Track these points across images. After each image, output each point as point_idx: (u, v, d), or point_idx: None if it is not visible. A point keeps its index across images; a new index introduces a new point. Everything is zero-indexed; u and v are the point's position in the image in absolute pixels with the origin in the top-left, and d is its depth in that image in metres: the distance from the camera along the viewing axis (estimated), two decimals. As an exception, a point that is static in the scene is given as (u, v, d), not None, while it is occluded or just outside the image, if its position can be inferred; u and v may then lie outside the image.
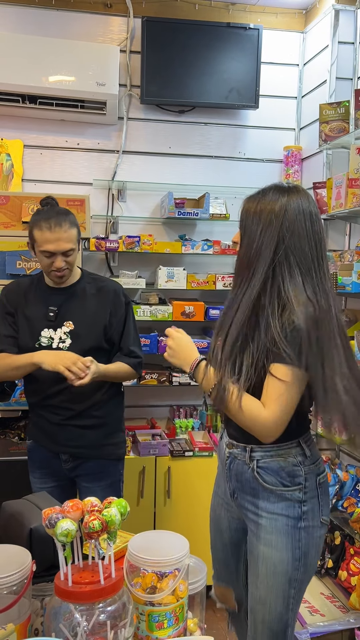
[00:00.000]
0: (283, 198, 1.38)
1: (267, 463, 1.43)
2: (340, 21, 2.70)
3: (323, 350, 1.30)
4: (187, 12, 2.94)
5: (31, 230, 1.87)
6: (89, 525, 0.87)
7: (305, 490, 1.43)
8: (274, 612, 1.43)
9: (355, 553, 2.40)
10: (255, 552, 1.46)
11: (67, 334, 1.93)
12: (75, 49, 2.70)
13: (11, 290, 2.00)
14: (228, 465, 1.52)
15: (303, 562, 1.42)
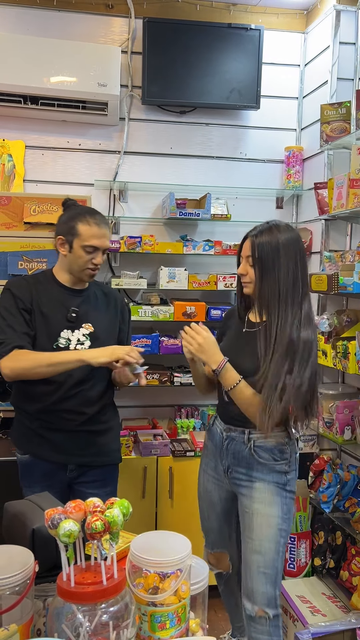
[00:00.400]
0: (293, 232, 1.75)
1: (263, 443, 1.79)
2: (342, 22, 2.70)
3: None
4: (188, 13, 2.94)
5: (73, 225, 1.84)
6: (91, 525, 0.87)
7: (289, 463, 1.81)
8: (268, 558, 1.74)
9: (357, 553, 2.40)
10: (249, 510, 1.78)
11: (86, 335, 1.90)
12: (76, 49, 2.71)
13: (21, 286, 1.89)
14: (225, 446, 1.85)
15: (288, 517, 1.79)
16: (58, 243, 1.89)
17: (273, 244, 1.70)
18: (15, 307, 1.84)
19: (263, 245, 1.71)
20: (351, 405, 2.42)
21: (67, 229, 1.86)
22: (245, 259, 1.77)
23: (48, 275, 1.96)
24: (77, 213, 1.88)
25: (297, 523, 2.68)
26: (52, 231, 2.57)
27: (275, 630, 1.77)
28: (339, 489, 2.48)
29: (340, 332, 2.51)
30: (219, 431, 1.90)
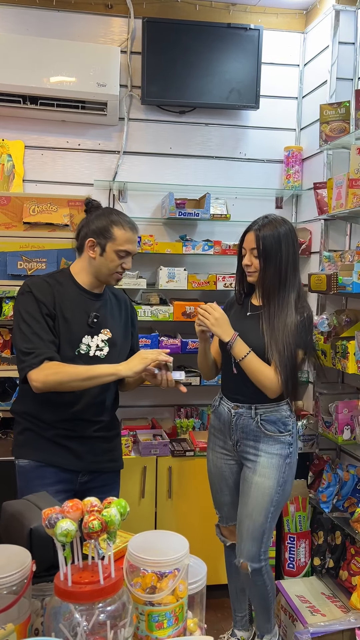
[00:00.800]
0: (288, 224, 2.00)
1: (268, 416, 2.02)
2: (341, 22, 2.70)
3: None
4: (187, 13, 2.94)
5: (107, 228, 1.79)
6: (88, 525, 0.87)
7: (292, 434, 2.04)
8: (257, 524, 2.02)
9: (356, 553, 2.40)
10: (249, 481, 2.03)
11: (105, 341, 1.86)
12: (76, 49, 2.71)
13: (43, 289, 1.78)
14: (234, 422, 2.06)
15: (282, 487, 2.03)
16: (88, 245, 1.81)
17: (275, 236, 1.94)
18: (39, 312, 1.74)
19: (266, 238, 1.93)
20: (350, 405, 2.41)
21: (100, 232, 1.80)
22: (250, 251, 1.99)
23: (67, 276, 1.86)
24: (114, 218, 1.82)
25: (297, 523, 2.68)
26: (52, 231, 2.58)
27: (259, 578, 2.07)
28: (338, 489, 2.48)
29: (339, 332, 2.51)
30: (226, 409, 2.10)
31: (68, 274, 1.87)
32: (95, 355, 1.83)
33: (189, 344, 2.74)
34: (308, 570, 2.69)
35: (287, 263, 1.95)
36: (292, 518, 2.68)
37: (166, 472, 2.67)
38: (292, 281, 1.98)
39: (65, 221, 2.58)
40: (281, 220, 1.99)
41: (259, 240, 1.94)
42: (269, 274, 1.95)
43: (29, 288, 1.78)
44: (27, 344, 1.71)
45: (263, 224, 1.97)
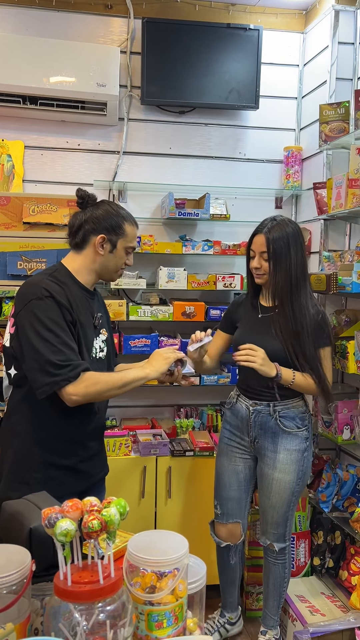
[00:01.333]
0: (295, 224, 2.05)
1: (286, 413, 2.11)
2: (340, 22, 2.70)
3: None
4: (187, 13, 2.94)
5: (121, 225, 1.73)
6: (88, 525, 0.87)
7: (308, 429, 2.15)
8: (281, 512, 2.16)
9: (356, 553, 2.40)
10: (269, 477, 2.14)
11: (104, 342, 1.81)
12: (75, 50, 2.71)
13: (61, 293, 1.63)
14: (253, 419, 2.14)
15: (302, 480, 2.15)
16: (97, 242, 1.70)
17: (284, 238, 1.99)
18: (64, 319, 1.60)
19: (276, 241, 1.98)
20: (350, 405, 2.42)
21: (111, 228, 1.72)
22: (259, 254, 2.03)
23: (67, 275, 1.71)
24: (124, 213, 1.77)
25: (296, 523, 2.68)
26: (51, 231, 2.58)
27: (282, 556, 2.24)
28: (338, 489, 2.48)
29: (339, 331, 2.51)
30: (244, 407, 2.17)
31: (67, 272, 1.71)
32: (99, 357, 1.77)
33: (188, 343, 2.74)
34: (308, 570, 2.69)
35: (297, 265, 2.01)
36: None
37: (166, 472, 2.67)
38: (303, 283, 2.04)
39: (65, 221, 2.58)
40: (288, 221, 2.04)
41: (269, 243, 1.98)
42: (280, 277, 2.00)
43: (48, 292, 1.59)
44: (58, 355, 1.54)
45: (272, 226, 2.00)
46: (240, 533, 2.30)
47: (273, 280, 2.02)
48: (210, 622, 2.44)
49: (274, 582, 2.28)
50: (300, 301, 2.03)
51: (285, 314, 2.03)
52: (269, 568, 2.28)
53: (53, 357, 1.53)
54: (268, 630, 2.32)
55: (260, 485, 2.20)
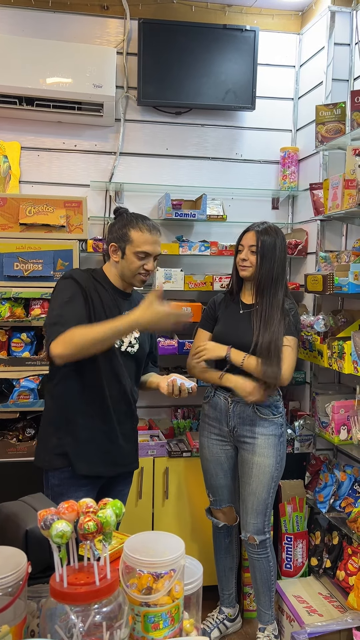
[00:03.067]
0: (281, 234, 2.25)
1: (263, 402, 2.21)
2: (336, 23, 2.71)
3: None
4: (183, 14, 2.94)
5: (125, 232, 1.88)
6: (84, 526, 0.87)
7: (282, 415, 2.29)
8: (260, 498, 2.25)
9: (353, 553, 2.40)
10: (250, 461, 2.25)
11: (136, 339, 1.98)
12: (72, 51, 2.71)
13: (85, 279, 1.88)
14: (232, 409, 2.26)
15: (280, 465, 2.27)
16: (110, 250, 1.92)
17: (272, 239, 2.19)
18: (79, 292, 1.82)
19: (265, 239, 2.18)
20: (347, 405, 2.42)
21: (119, 236, 1.89)
22: (248, 248, 2.21)
23: (102, 275, 1.95)
24: (129, 220, 1.91)
25: (294, 523, 2.68)
26: (48, 232, 2.58)
27: (263, 550, 2.30)
28: (335, 489, 2.48)
29: (335, 332, 2.51)
30: (222, 399, 2.30)
31: (102, 273, 1.97)
32: (127, 351, 1.94)
33: (185, 344, 2.74)
34: (305, 571, 2.70)
35: (279, 265, 2.21)
36: (289, 518, 2.68)
37: (163, 473, 2.67)
38: (281, 282, 2.23)
39: (61, 222, 2.58)
40: (277, 228, 2.27)
41: (259, 240, 2.18)
42: (264, 271, 2.19)
43: (71, 275, 1.88)
44: (53, 318, 1.76)
45: (263, 227, 2.22)
46: (235, 515, 2.46)
47: (258, 273, 2.19)
48: (209, 619, 2.47)
49: (261, 576, 2.33)
50: (276, 298, 2.20)
51: (262, 307, 2.20)
52: (253, 564, 2.34)
53: (50, 320, 1.77)
54: (266, 626, 2.34)
55: (242, 472, 2.30)
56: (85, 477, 1.88)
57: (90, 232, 2.92)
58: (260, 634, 2.34)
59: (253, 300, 2.26)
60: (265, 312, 2.19)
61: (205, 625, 2.43)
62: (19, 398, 2.50)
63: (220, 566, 2.49)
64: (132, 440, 2.06)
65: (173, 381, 1.95)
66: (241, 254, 2.23)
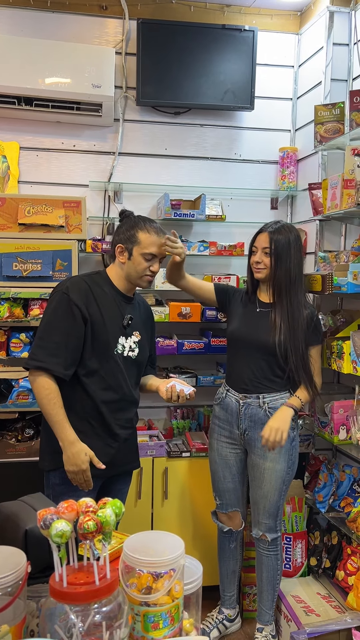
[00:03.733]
0: (297, 231, 2.20)
1: (274, 404, 2.21)
2: (335, 23, 2.71)
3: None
4: (182, 14, 2.94)
5: (133, 233, 1.92)
6: (83, 526, 0.87)
7: (294, 419, 2.21)
8: (272, 501, 2.24)
9: (352, 553, 2.40)
10: (261, 467, 2.22)
11: (136, 343, 1.99)
12: (71, 51, 2.71)
13: (81, 290, 1.88)
14: (243, 411, 2.23)
15: (292, 468, 2.25)
16: (117, 251, 1.94)
17: (286, 239, 2.15)
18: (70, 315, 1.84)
19: (279, 241, 2.14)
20: (346, 405, 2.42)
21: (126, 237, 1.93)
22: (261, 250, 2.18)
23: (104, 279, 1.97)
24: (137, 221, 1.96)
25: (293, 523, 2.68)
26: (47, 232, 2.58)
27: (274, 547, 2.31)
28: (334, 489, 2.48)
29: (335, 332, 2.52)
30: (234, 400, 2.27)
31: (105, 276, 1.98)
32: (128, 356, 1.96)
33: (184, 344, 2.74)
34: (305, 571, 2.70)
35: (295, 265, 2.16)
36: (289, 518, 2.68)
37: (162, 473, 2.66)
38: (300, 283, 2.19)
39: (60, 222, 2.58)
40: (291, 226, 2.22)
41: (272, 241, 2.14)
42: (280, 273, 2.15)
43: (66, 289, 1.86)
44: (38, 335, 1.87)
45: (276, 227, 2.17)
46: (240, 520, 2.42)
47: (273, 276, 2.16)
48: (209, 619, 2.47)
49: (267, 574, 2.32)
50: (297, 299, 2.17)
51: (283, 309, 2.17)
52: (261, 560, 2.34)
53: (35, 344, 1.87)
54: (264, 626, 2.34)
55: (252, 476, 2.28)
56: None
57: (89, 232, 2.92)
58: (258, 634, 2.34)
59: (270, 299, 2.24)
60: (287, 313, 2.16)
61: (205, 625, 2.43)
62: (18, 398, 2.50)
63: (224, 569, 2.48)
64: (132, 440, 2.08)
65: (172, 387, 1.97)
66: (255, 257, 2.21)
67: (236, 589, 2.52)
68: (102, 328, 1.89)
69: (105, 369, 1.91)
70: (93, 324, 1.87)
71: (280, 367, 2.19)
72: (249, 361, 2.22)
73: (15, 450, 2.49)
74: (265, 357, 2.19)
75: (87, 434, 1.90)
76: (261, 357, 2.20)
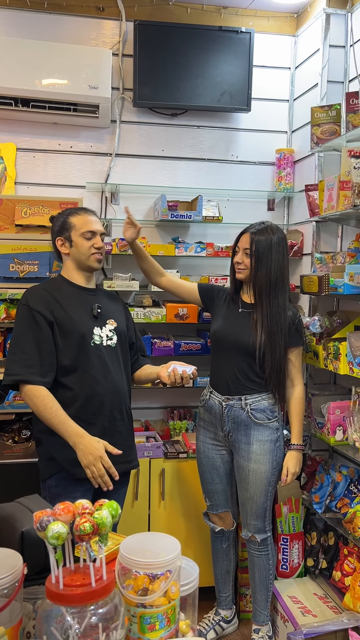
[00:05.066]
0: (282, 233, 2.21)
1: (257, 405, 2.22)
2: (331, 25, 2.72)
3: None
4: (179, 16, 2.95)
5: (65, 221, 2.00)
6: (79, 527, 0.87)
7: (278, 420, 2.26)
8: (259, 502, 2.25)
9: (349, 553, 2.41)
10: (245, 468, 2.23)
11: (112, 331, 2.03)
12: (68, 52, 2.71)
13: (38, 297, 1.93)
14: (226, 413, 2.23)
15: (276, 469, 2.25)
16: (58, 245, 2.02)
17: (267, 240, 2.14)
18: (34, 324, 1.88)
19: (260, 242, 2.14)
20: (342, 406, 2.42)
21: (61, 229, 2.01)
22: (243, 250, 2.19)
23: (60, 280, 2.04)
24: (65, 212, 2.06)
25: (290, 524, 2.69)
26: (44, 233, 2.58)
27: (264, 548, 2.32)
28: (331, 490, 2.48)
29: (331, 333, 2.52)
30: (217, 402, 2.27)
31: (61, 278, 2.05)
32: (107, 345, 1.99)
33: (182, 345, 2.75)
34: (301, 571, 2.70)
35: (277, 268, 2.16)
36: (285, 519, 2.68)
37: (159, 474, 2.67)
38: (282, 285, 2.18)
39: (57, 223, 2.58)
40: (275, 228, 2.20)
41: (253, 242, 2.14)
42: (260, 274, 2.15)
43: (25, 300, 1.93)
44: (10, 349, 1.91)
45: (259, 228, 2.17)
46: (232, 520, 2.45)
47: (253, 277, 2.17)
48: (205, 621, 2.48)
49: (260, 574, 2.35)
50: (277, 301, 2.18)
51: (263, 311, 2.18)
52: (253, 561, 2.36)
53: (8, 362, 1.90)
54: (261, 627, 2.35)
55: (238, 478, 2.30)
56: (82, 478, 1.87)
57: (86, 234, 2.92)
58: (254, 635, 2.34)
59: (252, 300, 2.25)
60: (267, 317, 2.17)
61: (202, 627, 2.43)
62: (14, 399, 2.49)
63: (218, 569, 2.49)
64: (127, 437, 2.06)
65: (174, 370, 1.99)
66: (236, 257, 2.23)
67: (232, 590, 2.52)
68: (72, 325, 1.92)
69: (86, 363, 1.92)
70: (60, 325, 1.90)
71: (261, 368, 2.21)
72: (230, 362, 2.24)
73: (12, 451, 2.48)
74: (245, 359, 2.21)
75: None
76: (242, 358, 2.22)
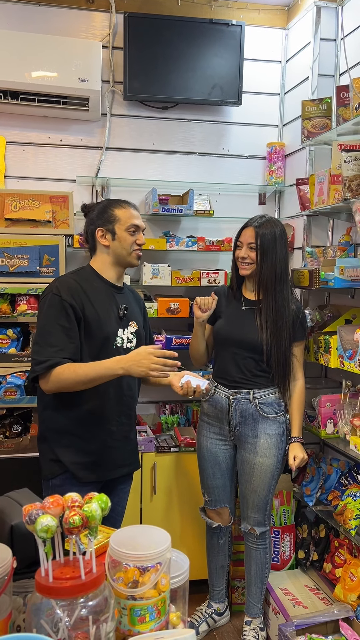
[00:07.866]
0: (282, 225, 2.19)
1: (265, 399, 2.22)
2: (322, 18, 2.71)
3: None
4: (169, 8, 2.93)
5: (110, 212, 1.90)
6: (69, 520, 0.87)
7: (284, 414, 2.26)
8: (262, 496, 2.25)
9: (340, 545, 2.43)
10: (251, 462, 2.23)
11: (133, 334, 1.95)
12: (57, 44, 2.68)
13: (71, 290, 1.81)
14: (233, 407, 2.22)
15: (281, 463, 2.25)
16: (98, 235, 1.90)
17: (272, 233, 2.13)
18: (64, 316, 1.76)
19: (265, 236, 2.12)
20: (333, 399, 2.44)
21: (104, 220, 1.90)
22: (247, 245, 2.15)
23: (91, 273, 1.92)
24: (108, 202, 1.95)
25: (281, 516, 2.70)
26: (34, 227, 2.56)
27: (262, 541, 2.33)
28: (322, 483, 2.50)
29: (322, 327, 2.53)
30: (224, 397, 2.25)
31: (91, 271, 1.93)
32: (127, 348, 1.91)
33: (173, 340, 2.74)
34: (292, 564, 2.72)
35: (282, 260, 2.15)
36: (277, 512, 2.70)
37: (151, 469, 2.67)
38: (285, 278, 2.18)
39: (47, 217, 2.56)
40: (276, 221, 2.20)
41: (258, 236, 2.12)
42: (266, 268, 2.13)
43: (57, 290, 1.80)
44: (36, 339, 1.80)
45: (262, 222, 2.15)
46: (229, 516, 2.42)
47: (259, 271, 2.14)
48: (198, 613, 2.49)
49: (256, 567, 2.34)
50: (282, 294, 2.16)
51: (269, 305, 2.16)
52: (250, 554, 2.36)
53: (34, 349, 1.78)
54: (253, 619, 2.36)
55: (242, 471, 2.29)
56: (89, 482, 1.85)
57: (77, 228, 2.89)
58: (246, 627, 2.35)
59: (255, 297, 2.21)
60: (272, 311, 2.15)
61: (194, 619, 2.44)
62: (5, 395, 2.48)
63: (213, 564, 2.49)
64: (131, 441, 2.02)
65: (187, 383, 1.88)
66: (240, 252, 2.18)
67: (225, 583, 2.53)
68: (98, 325, 1.82)
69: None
70: (88, 323, 1.80)
71: (267, 363, 2.20)
72: (236, 359, 2.22)
73: (3, 446, 2.47)
74: (252, 355, 2.20)
75: (85, 437, 1.86)
76: (248, 355, 2.21)
